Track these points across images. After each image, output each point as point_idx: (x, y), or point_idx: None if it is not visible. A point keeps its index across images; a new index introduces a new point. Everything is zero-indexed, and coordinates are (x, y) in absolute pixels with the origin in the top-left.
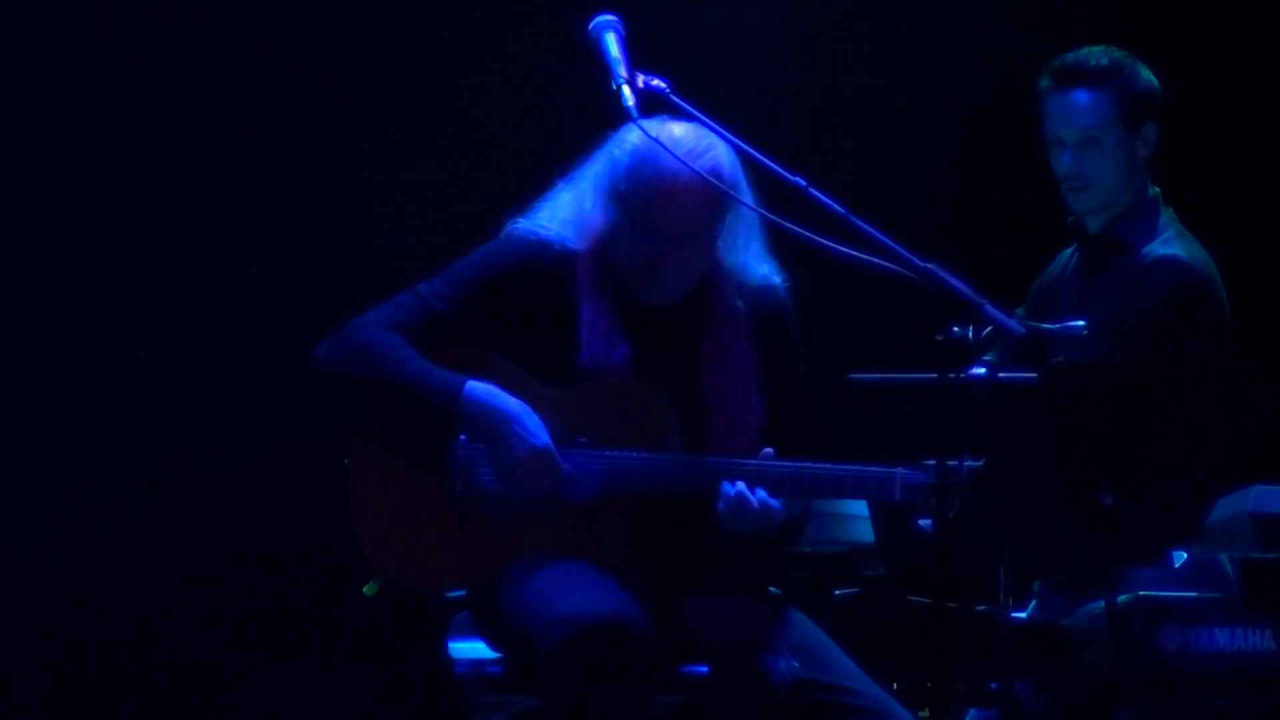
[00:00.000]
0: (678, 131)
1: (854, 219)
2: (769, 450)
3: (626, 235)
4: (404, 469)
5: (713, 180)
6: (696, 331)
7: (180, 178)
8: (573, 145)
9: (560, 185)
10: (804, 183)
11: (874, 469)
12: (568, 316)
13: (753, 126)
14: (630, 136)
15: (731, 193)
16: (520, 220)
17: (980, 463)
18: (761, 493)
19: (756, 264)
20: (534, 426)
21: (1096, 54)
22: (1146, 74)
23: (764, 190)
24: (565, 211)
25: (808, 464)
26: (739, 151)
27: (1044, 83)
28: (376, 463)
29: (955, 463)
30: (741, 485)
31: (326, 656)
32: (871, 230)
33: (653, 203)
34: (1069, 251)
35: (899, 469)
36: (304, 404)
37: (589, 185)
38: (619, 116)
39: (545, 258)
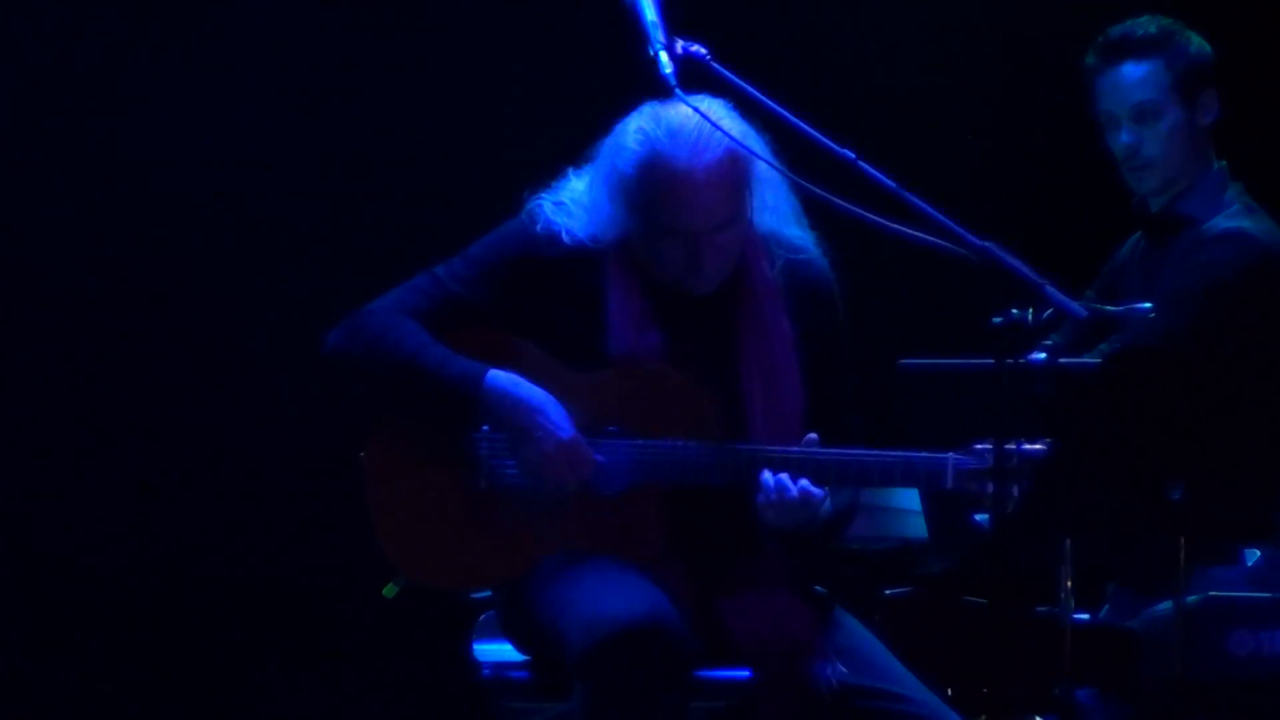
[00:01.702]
0: (675, 121)
1: (906, 194)
2: (812, 437)
3: (655, 241)
4: (423, 463)
5: (728, 164)
6: (731, 311)
7: (183, 154)
8: (605, 114)
9: (574, 175)
10: (853, 156)
11: (925, 455)
12: (595, 300)
13: (797, 96)
14: (629, 141)
15: (751, 168)
16: (543, 197)
17: (1039, 448)
18: (804, 482)
19: (788, 228)
20: (559, 418)
21: (1143, 24)
22: (1197, 39)
23: (811, 165)
24: (586, 203)
25: (853, 451)
26: (783, 124)
27: (1091, 60)
28: (393, 457)
29: (1012, 448)
30: (783, 476)
31: (346, 661)
32: (925, 206)
33: (674, 209)
34: (1138, 235)
35: (951, 454)
36: (315, 395)
37: (603, 189)
38: (652, 84)
39: (570, 239)
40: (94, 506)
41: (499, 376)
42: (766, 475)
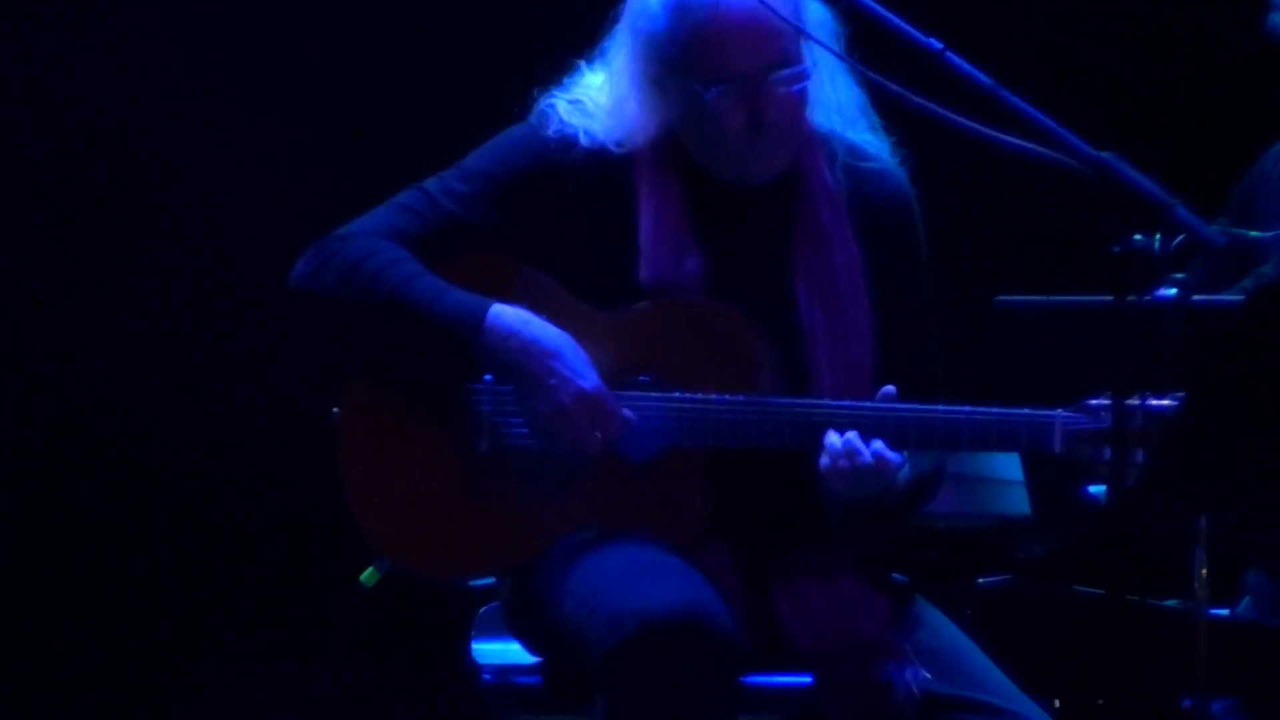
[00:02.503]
0: None
1: (1005, 93)
2: (889, 389)
3: (705, 114)
4: (410, 422)
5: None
6: (788, 232)
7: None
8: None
9: (588, 69)
10: (940, 45)
11: (1027, 413)
12: (623, 218)
13: None
14: (650, 2)
15: (802, 13)
16: (555, 95)
17: (1167, 405)
18: (879, 444)
19: (856, 129)
20: (579, 363)
21: None
22: None
23: (886, 57)
24: (609, 100)
25: (939, 408)
26: (855, 4)
27: None
28: (374, 414)
29: (1136, 404)
30: (853, 435)
31: (319, 662)
32: (1027, 108)
33: (721, 48)
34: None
35: (1059, 411)
36: (277, 338)
37: (628, 74)
38: None
39: (591, 143)
40: (31, 500)
41: (504, 313)
42: (833, 436)
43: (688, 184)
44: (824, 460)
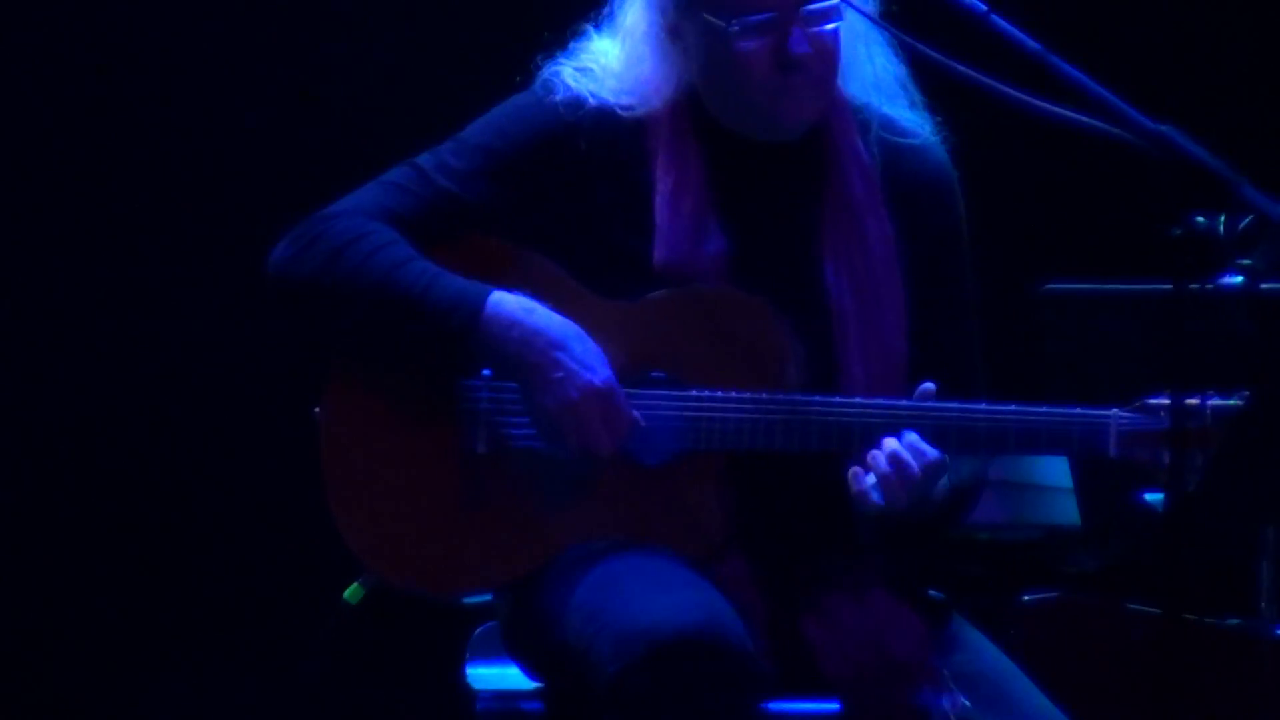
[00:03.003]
0: None
1: (1055, 59)
2: (928, 386)
3: (731, 52)
4: (400, 421)
5: None
6: (817, 203)
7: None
8: None
9: (597, 34)
10: (985, 8)
11: (1078, 411)
12: (637, 193)
13: None
14: None
15: None
16: (561, 61)
17: (1232, 404)
18: (913, 436)
19: (893, 103)
20: (588, 356)
21: None
22: None
23: (926, 21)
24: (621, 64)
25: (982, 406)
26: None
27: None
28: (360, 414)
29: (1197, 402)
30: (913, 437)
31: (298, 689)
32: (1080, 76)
33: None
34: None
35: (1115, 410)
36: (256, 330)
37: (646, 29)
38: None
39: (602, 108)
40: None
41: (505, 300)
42: (882, 442)
43: (709, 148)
44: (858, 464)
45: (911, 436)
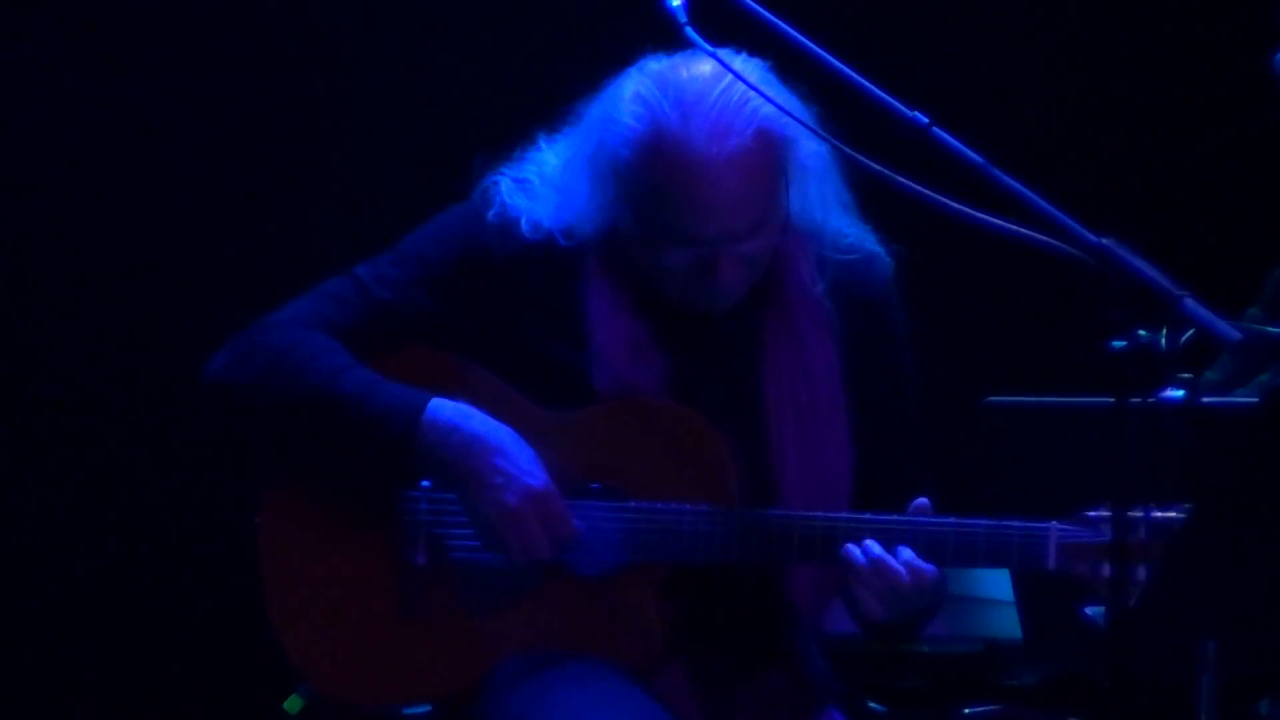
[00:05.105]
0: (688, 89)
1: (997, 173)
2: (922, 502)
3: (654, 249)
4: (339, 531)
5: (759, 151)
6: (758, 329)
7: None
8: (593, 66)
9: (546, 144)
10: (926, 120)
11: (1018, 524)
12: (572, 314)
13: (852, 38)
14: (624, 113)
15: (790, 152)
16: (503, 172)
17: (1173, 516)
18: (908, 554)
19: (838, 222)
20: (526, 461)
21: None
22: None
23: (868, 135)
24: (559, 184)
25: (921, 519)
26: (831, 74)
27: None
28: (299, 523)
29: (1137, 515)
30: (873, 544)
31: None
32: (1022, 189)
33: (683, 212)
34: None
35: (1054, 523)
36: (193, 437)
37: (584, 170)
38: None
39: (534, 232)
40: None
41: (444, 407)
42: (852, 548)
43: (641, 289)
44: (857, 582)
45: (908, 553)
